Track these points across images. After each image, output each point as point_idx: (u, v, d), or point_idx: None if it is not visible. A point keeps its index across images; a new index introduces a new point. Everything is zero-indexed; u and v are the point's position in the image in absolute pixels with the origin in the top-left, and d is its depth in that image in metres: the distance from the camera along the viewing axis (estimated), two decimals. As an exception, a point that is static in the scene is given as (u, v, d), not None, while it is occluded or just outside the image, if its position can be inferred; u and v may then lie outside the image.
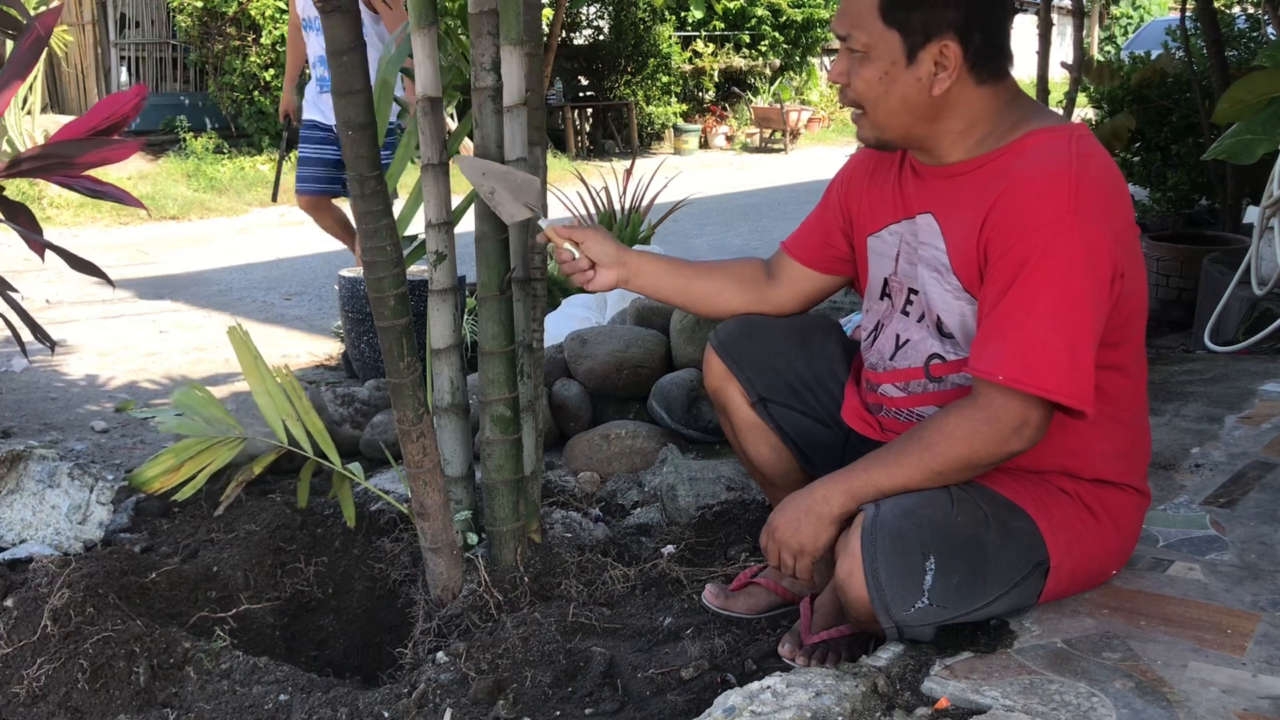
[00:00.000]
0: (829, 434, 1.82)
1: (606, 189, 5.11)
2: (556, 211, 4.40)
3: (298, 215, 8.77)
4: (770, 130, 14.29)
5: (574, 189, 5.31)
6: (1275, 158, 3.30)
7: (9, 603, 1.92)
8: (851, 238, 1.78)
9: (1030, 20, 14.14)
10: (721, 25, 15.07)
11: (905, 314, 1.67)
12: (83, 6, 10.58)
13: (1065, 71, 5.28)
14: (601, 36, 14.13)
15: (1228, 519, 1.91)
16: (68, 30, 10.26)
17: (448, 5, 7.92)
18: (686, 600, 1.98)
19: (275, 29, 10.02)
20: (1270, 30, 5.58)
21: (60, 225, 7.87)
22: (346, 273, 4.00)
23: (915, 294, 1.64)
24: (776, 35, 15.36)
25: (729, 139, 14.54)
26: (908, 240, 1.64)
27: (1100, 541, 1.60)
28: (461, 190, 1.91)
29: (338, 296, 4.13)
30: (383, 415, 3.07)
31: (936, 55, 1.49)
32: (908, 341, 1.65)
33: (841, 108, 15.53)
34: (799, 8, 15.44)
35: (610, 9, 13.94)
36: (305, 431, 2.22)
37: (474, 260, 1.95)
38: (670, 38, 14.00)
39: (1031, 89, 5.28)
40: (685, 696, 1.65)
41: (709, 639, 1.79)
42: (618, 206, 5.04)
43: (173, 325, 5.06)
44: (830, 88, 16.35)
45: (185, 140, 10.20)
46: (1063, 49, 6.57)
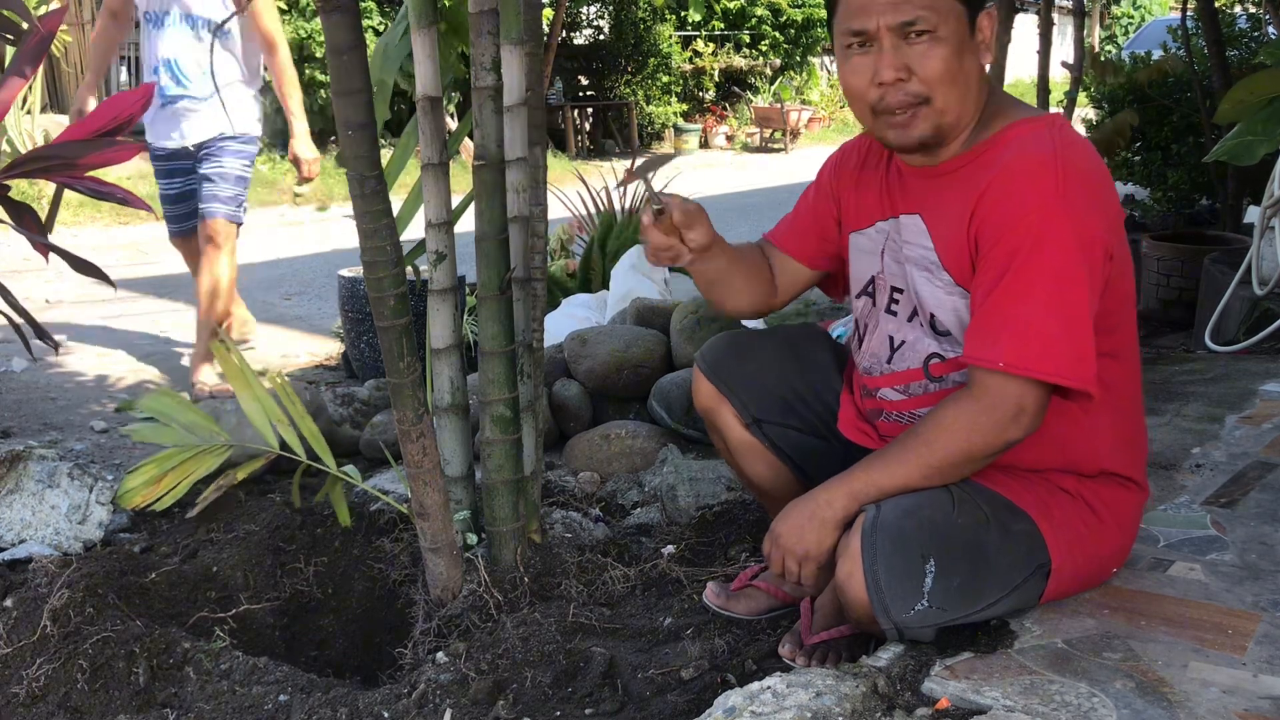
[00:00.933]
0: (826, 447, 1.80)
1: (607, 189, 5.11)
2: (557, 211, 4.39)
3: (297, 215, 8.82)
4: (770, 130, 14.28)
5: (574, 189, 5.31)
6: (1276, 158, 3.30)
7: (9, 603, 1.92)
8: (841, 230, 1.77)
9: (1031, 20, 14.11)
10: (721, 25, 15.07)
11: (891, 313, 1.65)
12: (82, 6, 10.57)
13: (1065, 71, 5.27)
14: (602, 36, 14.13)
15: (1228, 519, 1.91)
16: (67, 30, 10.24)
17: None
18: (686, 600, 1.97)
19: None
20: (1271, 29, 5.58)
21: (59, 225, 7.84)
22: (346, 272, 4.00)
23: (900, 292, 1.63)
24: (777, 35, 15.37)
25: (729, 139, 14.53)
26: (892, 238, 1.63)
27: (1102, 541, 1.60)
28: (461, 190, 1.91)
29: (337, 296, 4.13)
30: (383, 415, 3.07)
31: (986, 22, 1.48)
32: (904, 343, 1.64)
33: (842, 108, 15.54)
34: (799, 7, 15.45)
35: (610, 9, 13.93)
36: (298, 435, 2.20)
37: (474, 260, 1.95)
38: (670, 37, 14.00)
39: (1032, 89, 5.29)
40: (685, 697, 1.65)
41: (709, 639, 1.79)
42: (618, 207, 5.04)
43: (173, 325, 5.06)
44: (831, 87, 16.34)
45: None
46: (1063, 49, 6.56)
